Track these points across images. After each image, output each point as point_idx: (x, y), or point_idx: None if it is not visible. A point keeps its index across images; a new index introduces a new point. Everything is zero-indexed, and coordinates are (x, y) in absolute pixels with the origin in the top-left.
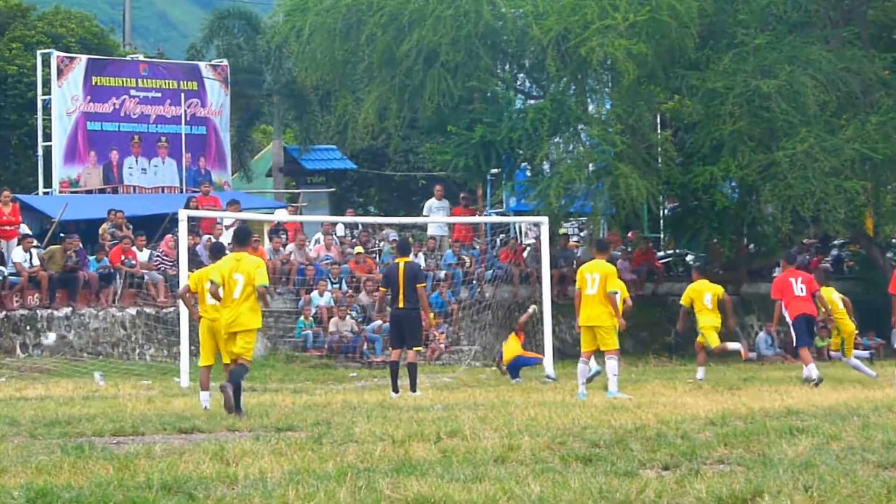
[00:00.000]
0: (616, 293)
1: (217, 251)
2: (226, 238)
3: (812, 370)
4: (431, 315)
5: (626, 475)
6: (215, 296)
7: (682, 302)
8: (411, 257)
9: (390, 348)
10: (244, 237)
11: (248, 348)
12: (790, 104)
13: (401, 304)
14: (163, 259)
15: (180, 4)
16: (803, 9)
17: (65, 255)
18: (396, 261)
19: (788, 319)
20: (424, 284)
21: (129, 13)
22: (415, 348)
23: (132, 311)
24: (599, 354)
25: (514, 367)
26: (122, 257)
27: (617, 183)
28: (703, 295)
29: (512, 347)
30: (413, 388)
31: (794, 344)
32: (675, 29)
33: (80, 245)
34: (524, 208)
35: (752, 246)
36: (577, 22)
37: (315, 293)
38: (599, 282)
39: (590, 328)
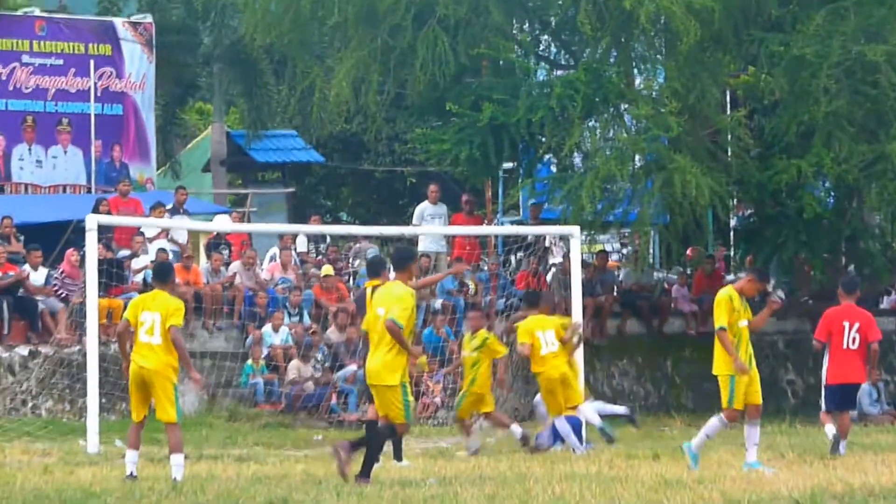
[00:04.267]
0: (722, 330)
1: (162, 274)
2: (149, 256)
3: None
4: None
5: None
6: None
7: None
8: (390, 277)
9: (366, 403)
10: (401, 261)
11: (391, 409)
12: None
13: None
14: (64, 282)
15: None
16: None
17: None
18: (365, 286)
19: (823, 379)
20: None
21: None
22: None
23: (23, 350)
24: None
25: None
26: (1, 273)
27: (672, 180)
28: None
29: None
30: (398, 456)
31: (824, 406)
32: None
33: None
34: (548, 216)
35: (852, 267)
36: None
37: (268, 328)
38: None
39: None
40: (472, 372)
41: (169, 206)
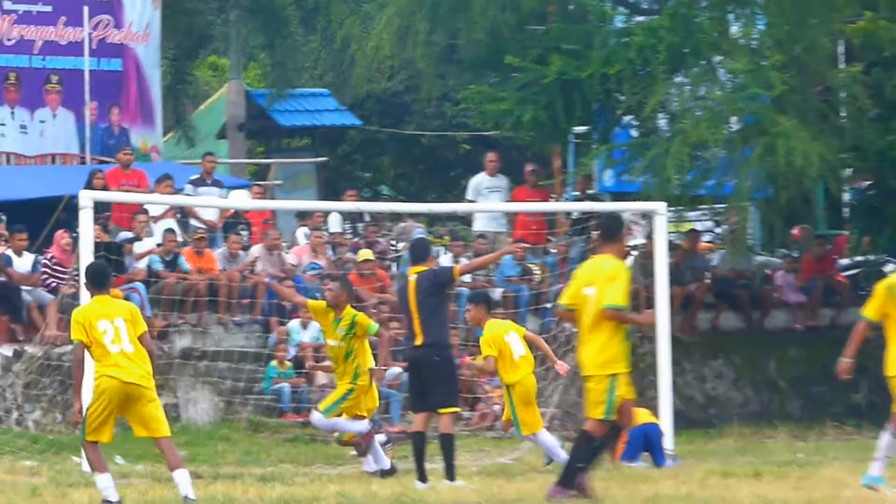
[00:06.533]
0: (862, 321)
1: (100, 279)
2: (155, 238)
3: None
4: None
5: None
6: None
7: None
8: (435, 264)
9: (412, 411)
10: (611, 229)
11: (591, 401)
12: None
13: (418, 341)
14: (53, 269)
15: None
16: None
17: None
18: (408, 272)
19: None
20: (451, 284)
21: None
22: (447, 410)
23: (6, 350)
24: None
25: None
26: None
27: (774, 147)
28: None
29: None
30: (449, 475)
31: None
32: None
33: None
34: (627, 189)
35: None
36: None
37: (295, 323)
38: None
39: None
40: (350, 367)
41: (194, 177)
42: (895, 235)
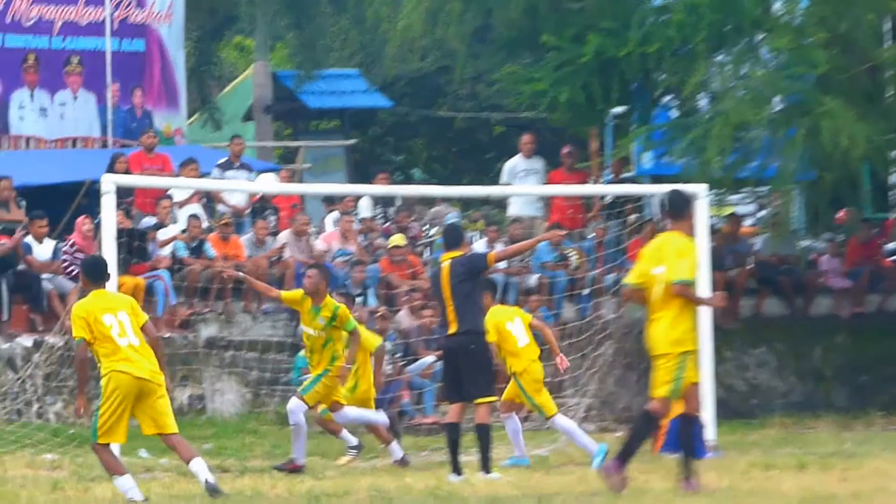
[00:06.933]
0: None
1: (97, 273)
2: (179, 225)
3: None
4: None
5: None
6: None
7: None
8: (470, 249)
9: (447, 401)
10: (678, 206)
11: (656, 380)
12: None
13: (452, 328)
14: (75, 256)
15: None
16: None
17: None
18: (441, 259)
19: None
20: (486, 270)
21: None
22: (484, 400)
23: (26, 340)
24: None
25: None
26: None
27: (819, 128)
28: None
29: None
30: (485, 468)
31: None
32: None
33: None
34: (666, 171)
35: None
36: None
37: None
38: None
39: None
40: (326, 354)
41: (222, 161)
42: None
